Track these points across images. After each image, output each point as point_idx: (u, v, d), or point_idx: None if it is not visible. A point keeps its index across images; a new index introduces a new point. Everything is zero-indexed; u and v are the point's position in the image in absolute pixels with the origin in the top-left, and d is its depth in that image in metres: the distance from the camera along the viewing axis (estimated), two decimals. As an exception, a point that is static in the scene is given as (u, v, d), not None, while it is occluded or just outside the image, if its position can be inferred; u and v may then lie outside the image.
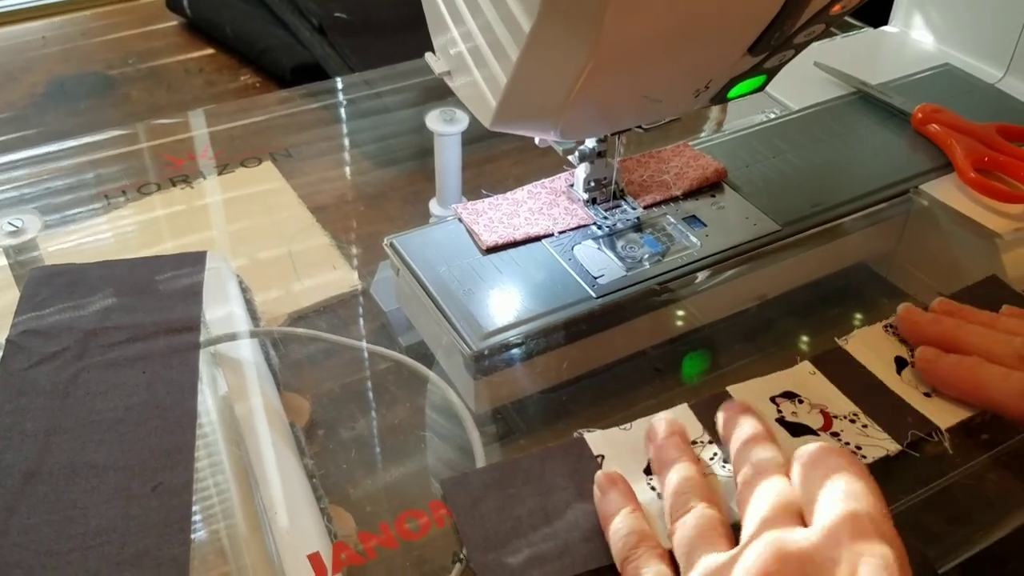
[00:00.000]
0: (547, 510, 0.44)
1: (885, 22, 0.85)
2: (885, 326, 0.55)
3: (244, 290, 0.62)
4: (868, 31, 0.86)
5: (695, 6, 0.41)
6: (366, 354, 0.60)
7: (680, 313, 0.59)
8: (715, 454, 0.47)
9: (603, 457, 0.47)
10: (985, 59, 0.77)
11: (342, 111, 0.86)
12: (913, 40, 0.83)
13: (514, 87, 0.46)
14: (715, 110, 0.82)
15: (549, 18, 0.41)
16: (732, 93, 0.52)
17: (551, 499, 0.44)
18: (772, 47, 0.47)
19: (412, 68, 0.87)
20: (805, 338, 0.63)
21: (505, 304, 0.54)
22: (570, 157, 0.58)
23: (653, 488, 0.45)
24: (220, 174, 0.75)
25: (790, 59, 0.51)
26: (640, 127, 0.55)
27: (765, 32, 0.46)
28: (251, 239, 0.69)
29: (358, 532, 0.47)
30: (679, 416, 0.49)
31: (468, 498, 0.45)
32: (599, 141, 0.58)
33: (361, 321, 0.64)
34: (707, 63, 0.48)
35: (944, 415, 0.49)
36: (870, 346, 0.54)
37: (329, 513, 0.49)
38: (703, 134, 0.79)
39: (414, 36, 0.92)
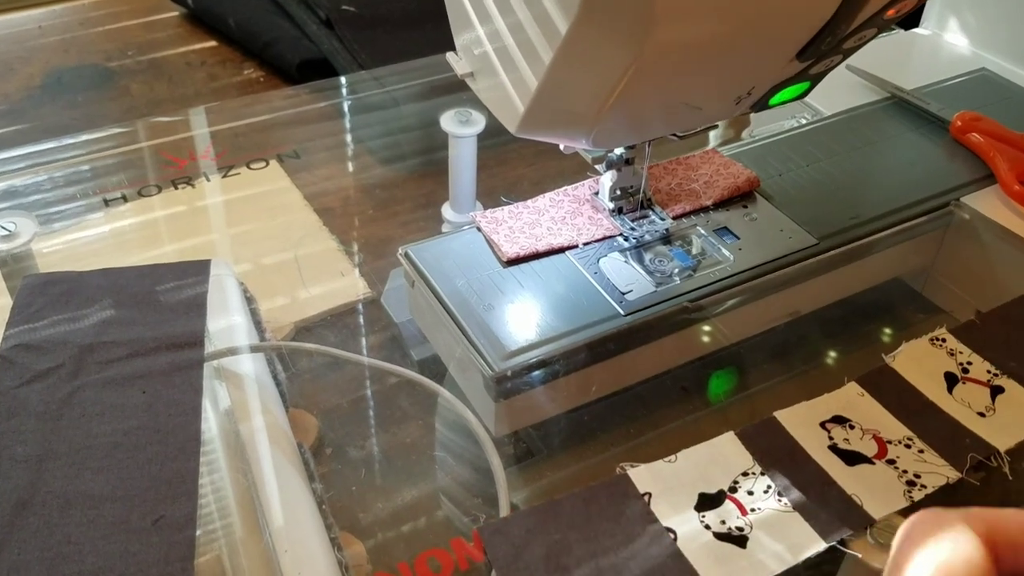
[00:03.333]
0: (597, 559, 0.40)
1: (917, 24, 0.82)
2: (932, 339, 0.53)
3: (248, 300, 0.59)
4: (900, 33, 0.82)
5: (748, 9, 0.38)
6: (377, 369, 0.57)
7: (710, 330, 0.56)
8: (768, 486, 0.44)
9: (650, 495, 0.44)
10: (1023, 64, 0.74)
11: (351, 109, 0.83)
12: (947, 43, 0.80)
13: (545, 92, 0.43)
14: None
15: (588, 19, 0.38)
16: (774, 100, 0.49)
17: (599, 545, 0.41)
18: (821, 52, 0.44)
19: (423, 64, 0.84)
20: (834, 355, 0.60)
21: (528, 321, 0.51)
22: (597, 166, 0.55)
23: (707, 527, 0.42)
24: (224, 176, 0.71)
25: (836, 65, 0.48)
26: (675, 135, 0.52)
27: (816, 37, 0.43)
28: (255, 243, 0.66)
29: (375, 572, 0.44)
30: (725, 446, 0.46)
31: (510, 547, 0.41)
32: (628, 148, 0.55)
33: (371, 333, 0.61)
34: (753, 69, 0.45)
35: (1001, 436, 0.47)
36: (918, 362, 0.51)
37: (340, 543, 0.46)
38: (713, 138, 0.76)
39: (425, 31, 0.90)
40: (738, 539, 0.42)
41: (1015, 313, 0.55)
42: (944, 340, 0.53)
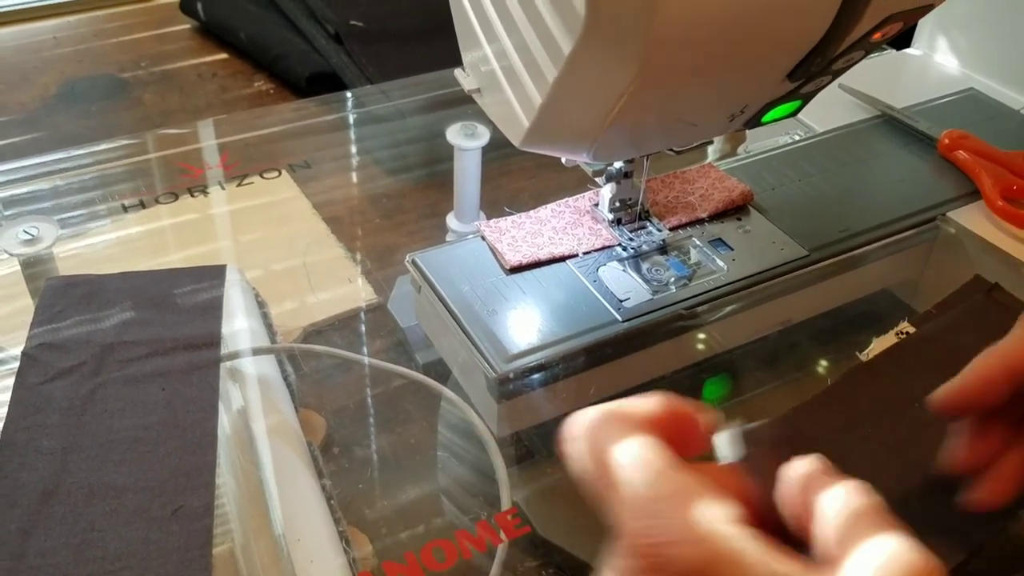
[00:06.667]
0: None
1: (908, 44, 0.85)
2: (897, 333, 0.55)
3: (260, 304, 0.61)
4: (891, 53, 0.85)
5: (742, 32, 0.41)
6: (383, 372, 0.59)
7: (704, 337, 0.58)
8: None
9: None
10: (1010, 84, 0.77)
11: (359, 121, 0.85)
12: (936, 63, 0.83)
13: (549, 109, 0.46)
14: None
15: (591, 40, 0.40)
16: (767, 118, 0.51)
17: None
18: (811, 73, 0.46)
19: (430, 79, 0.86)
20: (825, 363, 0.62)
21: (530, 326, 0.53)
22: (597, 179, 0.58)
23: None
24: (238, 184, 0.74)
25: (826, 85, 0.51)
26: (672, 150, 0.54)
27: (806, 58, 0.45)
28: (266, 250, 0.69)
29: (382, 562, 0.46)
30: None
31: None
32: (626, 162, 0.57)
33: (377, 337, 0.63)
34: (746, 88, 0.47)
35: None
36: None
37: (348, 536, 0.48)
38: (710, 153, 0.79)
39: (432, 46, 0.92)
40: None
41: (962, 299, 0.56)
42: (908, 332, 0.55)
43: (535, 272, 0.57)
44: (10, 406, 0.47)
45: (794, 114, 0.53)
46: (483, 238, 0.59)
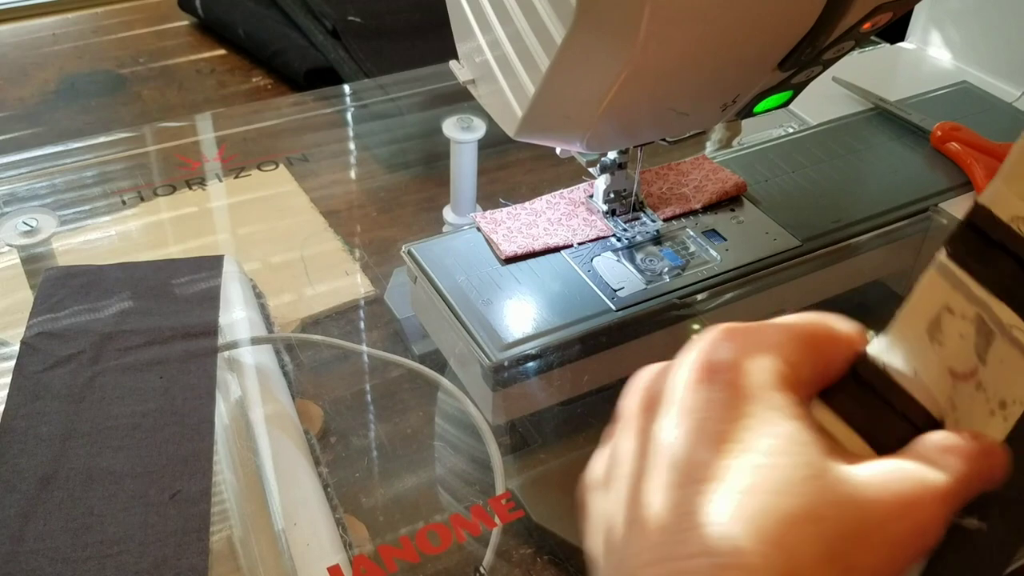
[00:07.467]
0: None
1: (902, 38, 0.85)
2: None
3: (258, 295, 0.62)
4: (885, 47, 0.85)
5: (731, 21, 0.41)
6: (380, 362, 0.60)
7: (697, 327, 0.59)
8: None
9: None
10: (1003, 77, 0.77)
11: (356, 116, 0.85)
12: (930, 57, 0.83)
13: (542, 98, 0.46)
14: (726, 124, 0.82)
15: (582, 29, 0.41)
16: (758, 108, 0.52)
17: None
18: (801, 63, 0.47)
19: (427, 73, 0.86)
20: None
21: (524, 315, 0.53)
22: (592, 169, 0.58)
23: None
24: (236, 177, 0.74)
25: (817, 75, 0.51)
26: (664, 140, 0.55)
27: (795, 48, 0.45)
28: (263, 243, 0.69)
29: (378, 546, 0.46)
30: None
31: None
32: (620, 153, 0.57)
33: (374, 328, 0.63)
34: (737, 77, 0.47)
35: None
36: None
37: (344, 523, 0.48)
38: (708, 145, 0.79)
39: (429, 41, 0.93)
40: None
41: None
42: None
43: (530, 263, 0.57)
44: (9, 394, 0.48)
45: (786, 104, 0.53)
46: (479, 229, 0.59)
